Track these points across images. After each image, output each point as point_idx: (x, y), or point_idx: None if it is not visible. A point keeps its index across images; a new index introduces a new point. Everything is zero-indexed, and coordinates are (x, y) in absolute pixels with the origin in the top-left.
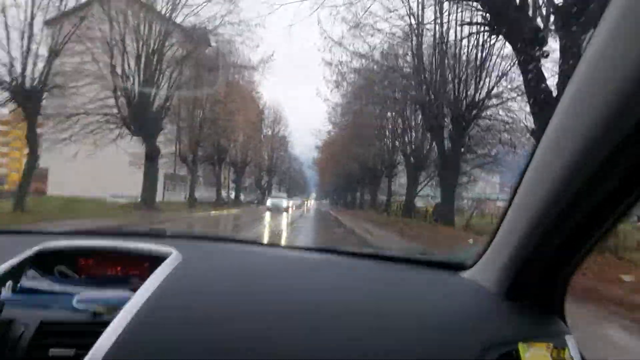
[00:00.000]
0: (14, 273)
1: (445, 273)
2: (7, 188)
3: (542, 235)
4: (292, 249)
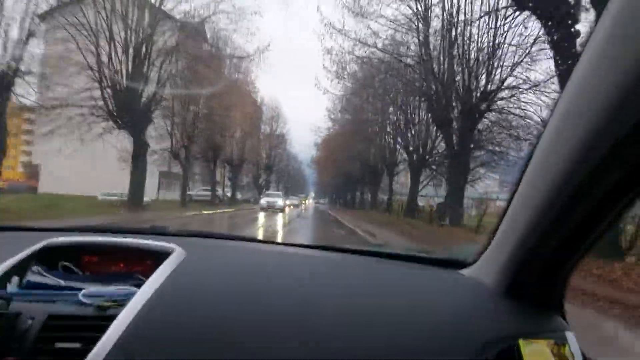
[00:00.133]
0: (19, 268)
1: (446, 270)
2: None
3: (542, 233)
4: (294, 247)
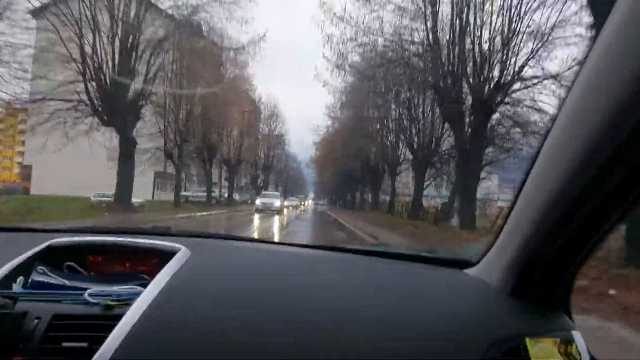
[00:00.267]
0: (24, 268)
1: (450, 270)
2: None
3: (547, 232)
4: (298, 247)
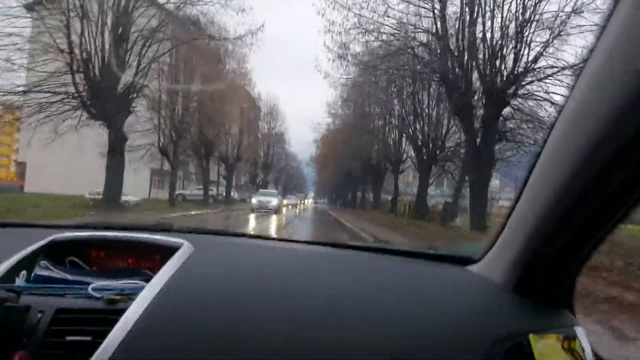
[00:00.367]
0: (27, 263)
1: (453, 267)
2: None
3: (550, 229)
4: (301, 244)
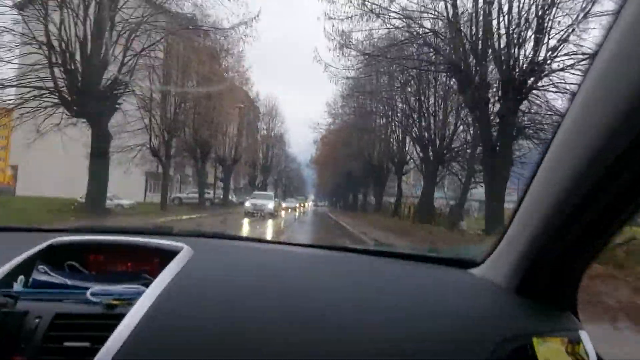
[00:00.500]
0: (25, 268)
1: (455, 270)
2: None
3: (554, 232)
4: (301, 247)
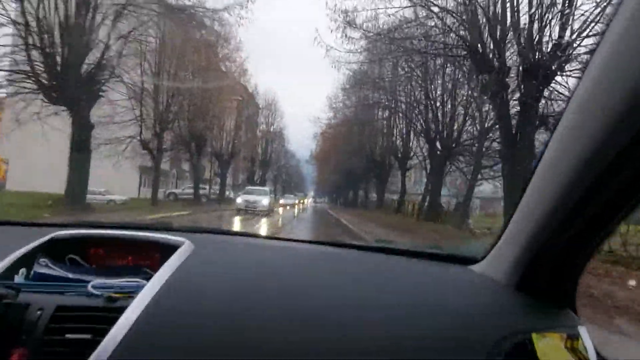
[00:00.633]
0: (27, 261)
1: (455, 267)
2: None
3: (554, 228)
4: (302, 243)
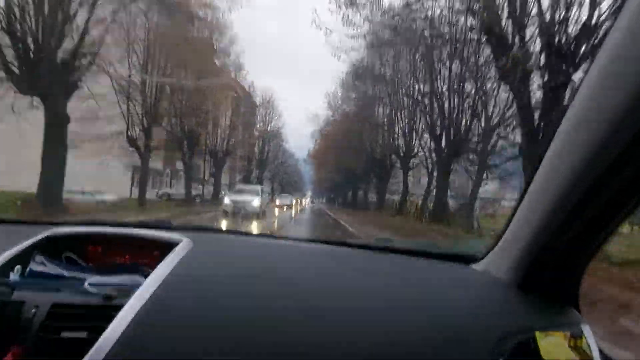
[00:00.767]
0: (23, 258)
1: (457, 265)
2: None
3: (555, 227)
4: (301, 241)
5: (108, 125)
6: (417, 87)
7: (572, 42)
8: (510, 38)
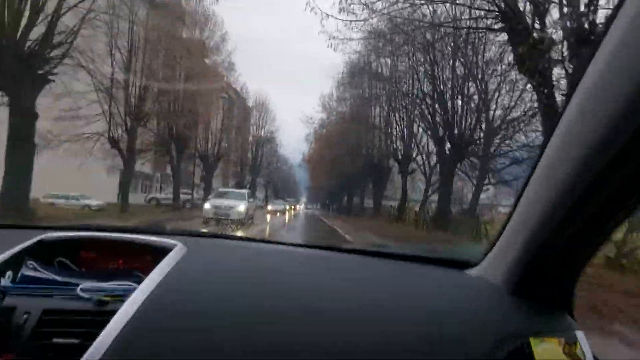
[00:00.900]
0: (14, 263)
1: (451, 270)
2: None
3: (550, 232)
4: (296, 247)
5: (88, 126)
6: (417, 85)
7: (595, 28)
8: (531, 23)
